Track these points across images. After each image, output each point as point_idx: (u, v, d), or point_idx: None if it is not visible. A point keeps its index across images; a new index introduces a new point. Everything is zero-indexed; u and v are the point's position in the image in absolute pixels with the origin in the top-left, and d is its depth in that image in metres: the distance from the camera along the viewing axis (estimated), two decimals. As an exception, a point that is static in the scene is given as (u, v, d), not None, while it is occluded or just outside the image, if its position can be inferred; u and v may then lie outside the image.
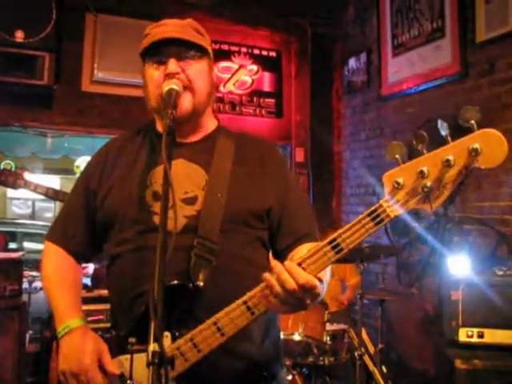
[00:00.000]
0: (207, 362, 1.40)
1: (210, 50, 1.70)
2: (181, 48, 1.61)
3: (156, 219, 1.54)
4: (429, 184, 1.25)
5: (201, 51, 1.65)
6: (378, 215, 1.30)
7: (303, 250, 1.47)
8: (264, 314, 1.37)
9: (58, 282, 1.70)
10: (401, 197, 1.29)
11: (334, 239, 1.31)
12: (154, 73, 1.62)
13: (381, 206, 1.30)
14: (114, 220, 1.63)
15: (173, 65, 1.58)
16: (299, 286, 1.27)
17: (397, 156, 1.29)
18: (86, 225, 1.72)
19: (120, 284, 1.61)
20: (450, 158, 1.23)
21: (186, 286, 1.46)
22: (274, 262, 1.31)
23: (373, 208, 1.30)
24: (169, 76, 1.57)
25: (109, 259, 1.68)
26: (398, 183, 1.28)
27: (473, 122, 1.22)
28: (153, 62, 1.62)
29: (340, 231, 1.31)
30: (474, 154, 1.22)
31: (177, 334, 1.41)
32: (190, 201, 1.58)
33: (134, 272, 1.54)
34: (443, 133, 1.27)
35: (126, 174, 1.66)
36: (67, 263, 1.74)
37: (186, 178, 1.59)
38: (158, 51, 1.62)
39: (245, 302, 1.36)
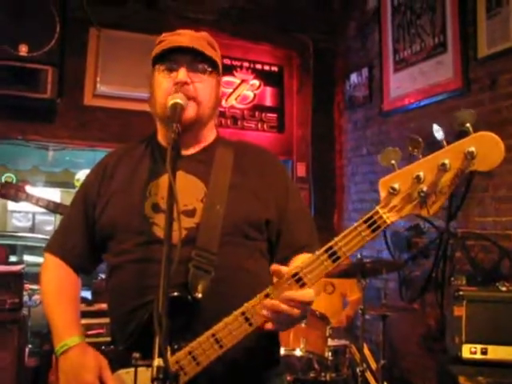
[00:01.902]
0: (205, 375, 1.39)
1: (220, 66, 1.71)
2: (193, 59, 1.62)
3: (156, 230, 1.55)
4: (425, 189, 1.24)
5: (212, 66, 1.66)
6: (375, 222, 1.28)
7: (300, 260, 1.48)
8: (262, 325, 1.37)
9: (57, 297, 1.69)
10: (397, 202, 1.28)
11: (331, 247, 1.31)
12: (162, 80, 1.62)
13: (377, 212, 1.29)
14: (113, 231, 1.63)
15: (183, 73, 1.59)
16: (301, 304, 1.31)
17: (392, 162, 1.29)
18: (85, 237, 1.71)
19: (120, 295, 1.61)
20: (446, 162, 1.22)
21: (185, 298, 1.46)
22: (268, 302, 1.33)
23: (369, 214, 1.29)
24: (177, 85, 1.57)
25: (108, 270, 1.67)
26: (393, 189, 1.27)
27: (468, 125, 1.21)
28: (163, 68, 1.63)
29: (336, 239, 1.31)
30: (469, 157, 1.21)
31: (176, 346, 1.40)
32: (189, 213, 1.57)
33: (135, 283, 1.54)
34: (439, 137, 1.27)
35: (125, 185, 1.66)
36: (67, 276, 1.73)
37: (185, 191, 1.58)
38: (171, 58, 1.62)
39: (243, 313, 1.35)
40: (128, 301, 1.55)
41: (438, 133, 1.27)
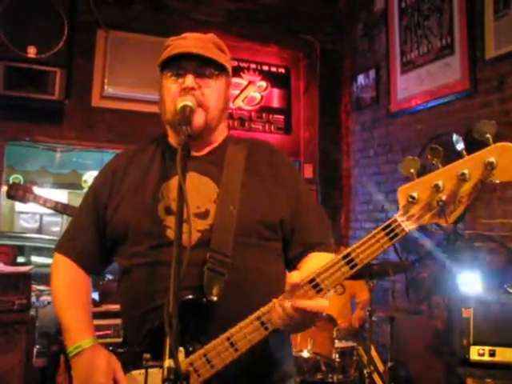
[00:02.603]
0: (219, 378, 1.39)
1: (228, 67, 1.70)
2: (200, 64, 1.61)
3: (169, 233, 1.54)
4: (444, 198, 1.24)
5: (219, 69, 1.65)
6: (393, 230, 1.29)
7: (313, 260, 1.50)
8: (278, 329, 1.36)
9: (69, 298, 1.68)
10: (415, 211, 1.28)
11: (349, 254, 1.31)
12: (171, 86, 1.62)
13: (395, 220, 1.29)
14: (125, 233, 1.62)
15: (189, 80, 1.59)
16: (312, 314, 1.32)
17: (412, 170, 1.28)
18: (95, 237, 1.71)
19: (133, 298, 1.60)
20: (466, 171, 1.22)
21: (200, 301, 1.45)
22: (276, 306, 1.34)
23: (387, 222, 1.30)
24: (185, 91, 1.58)
25: (120, 273, 1.67)
26: (412, 197, 1.27)
27: (488, 135, 1.21)
28: (171, 74, 1.63)
29: (354, 246, 1.31)
30: (489, 167, 1.20)
31: (190, 348, 1.40)
32: (202, 215, 1.57)
33: (148, 286, 1.53)
34: (459, 147, 1.27)
35: (137, 186, 1.66)
36: (77, 277, 1.73)
37: (197, 192, 1.59)
38: (177, 64, 1.62)
39: (258, 318, 1.35)
40: (140, 304, 1.55)
41: (458, 144, 1.27)
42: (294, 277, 1.33)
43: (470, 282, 3.18)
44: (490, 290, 3.11)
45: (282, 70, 5.58)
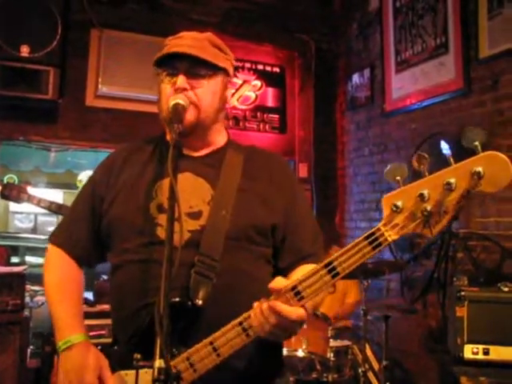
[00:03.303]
0: (203, 380, 1.38)
1: (226, 66, 1.68)
2: (192, 64, 1.59)
3: (160, 232, 1.54)
4: (429, 208, 1.20)
5: (213, 69, 1.63)
6: (376, 239, 1.26)
7: (300, 272, 1.45)
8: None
9: (60, 291, 1.68)
10: (399, 221, 1.24)
11: (331, 262, 1.29)
12: (165, 86, 1.62)
13: (379, 229, 1.26)
14: (117, 229, 1.63)
15: (181, 80, 1.58)
16: (287, 321, 1.29)
17: (398, 178, 1.25)
18: (90, 230, 1.71)
19: (122, 296, 1.60)
20: (452, 181, 1.18)
21: (186, 304, 1.44)
22: (256, 308, 1.33)
23: (370, 231, 1.27)
24: (177, 91, 1.58)
25: (111, 269, 1.67)
26: (396, 206, 1.23)
27: (477, 143, 1.18)
28: (166, 73, 1.62)
29: (336, 254, 1.29)
30: (476, 177, 1.17)
31: (176, 352, 1.38)
32: (195, 215, 1.56)
33: (138, 284, 1.53)
34: (446, 153, 1.23)
35: (133, 183, 1.66)
36: (70, 272, 1.72)
37: (192, 192, 1.58)
38: (171, 64, 1.61)
39: (240, 323, 1.34)
40: (129, 302, 1.55)
41: (446, 150, 1.25)
42: (277, 282, 1.33)
43: (462, 281, 3.18)
44: (484, 288, 3.11)
45: (276, 70, 5.57)
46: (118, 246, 1.63)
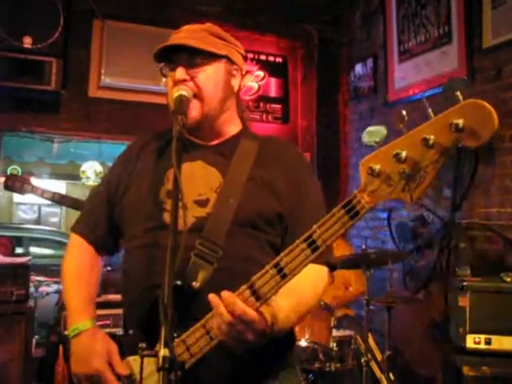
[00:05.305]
0: (202, 364, 1.38)
1: (228, 54, 1.70)
2: (189, 55, 1.60)
3: (166, 217, 1.55)
4: (406, 170, 1.09)
5: (210, 56, 1.63)
6: (354, 207, 1.17)
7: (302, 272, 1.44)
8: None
9: (75, 279, 1.72)
10: (376, 186, 1.14)
11: (310, 236, 1.22)
12: (168, 80, 1.64)
13: (355, 196, 1.18)
14: (128, 215, 1.65)
15: (179, 72, 1.59)
16: (236, 319, 1.24)
17: (376, 140, 1.20)
18: (107, 217, 1.74)
19: (129, 279, 1.62)
20: (429, 136, 1.06)
21: (182, 287, 1.43)
22: (211, 295, 1.28)
23: (347, 199, 1.19)
24: (177, 83, 1.58)
25: (123, 256, 1.69)
26: (373, 170, 1.12)
27: (458, 93, 1.07)
28: (168, 68, 1.64)
29: (315, 226, 1.22)
30: (455, 130, 1.05)
31: (175, 335, 1.38)
32: (202, 203, 1.57)
33: (143, 268, 1.54)
34: (428, 110, 1.13)
35: (147, 171, 1.68)
36: (87, 258, 1.75)
37: (202, 180, 1.59)
38: (169, 57, 1.63)
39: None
40: (135, 286, 1.56)
41: (426, 105, 1.16)
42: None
43: (466, 271, 3.19)
44: (486, 278, 3.12)
45: (279, 60, 5.56)
46: (128, 232, 1.66)
